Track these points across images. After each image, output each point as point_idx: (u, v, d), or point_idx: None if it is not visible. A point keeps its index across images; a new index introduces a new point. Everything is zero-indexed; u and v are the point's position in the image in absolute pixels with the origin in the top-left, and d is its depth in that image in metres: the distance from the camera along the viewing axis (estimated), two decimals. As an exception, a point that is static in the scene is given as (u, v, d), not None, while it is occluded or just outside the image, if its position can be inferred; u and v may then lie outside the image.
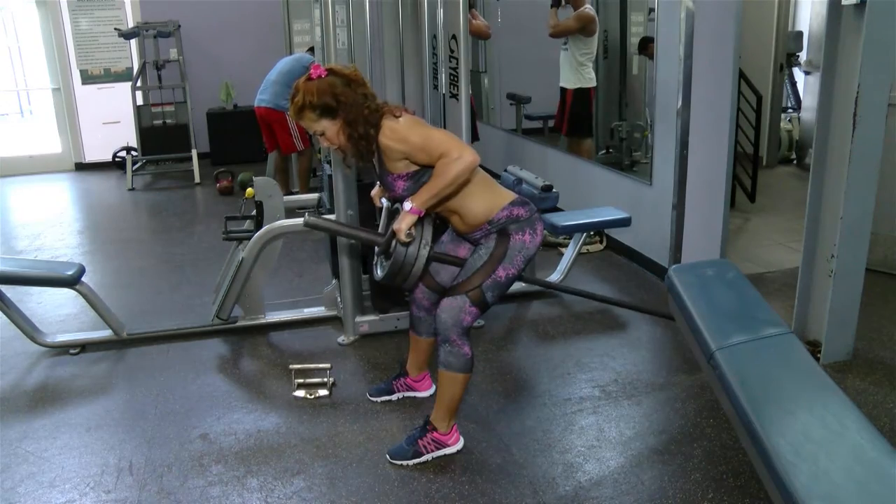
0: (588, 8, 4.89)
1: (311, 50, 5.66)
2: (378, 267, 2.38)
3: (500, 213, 2.27)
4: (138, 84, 6.86)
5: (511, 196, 2.32)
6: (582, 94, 5.05)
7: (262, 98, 5.49)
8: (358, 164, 2.32)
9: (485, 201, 2.27)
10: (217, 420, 2.68)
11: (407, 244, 2.21)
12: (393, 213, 2.34)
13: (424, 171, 2.22)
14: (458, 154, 2.11)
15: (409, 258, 2.22)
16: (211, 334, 3.37)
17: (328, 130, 2.21)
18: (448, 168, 2.12)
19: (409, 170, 2.22)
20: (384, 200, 2.45)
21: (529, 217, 2.29)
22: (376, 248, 2.37)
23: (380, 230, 2.37)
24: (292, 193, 5.59)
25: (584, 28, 4.88)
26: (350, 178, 3.10)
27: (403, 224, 2.18)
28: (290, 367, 2.88)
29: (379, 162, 2.29)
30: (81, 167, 7.60)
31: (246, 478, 2.33)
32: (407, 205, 2.18)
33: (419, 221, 2.23)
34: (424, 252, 2.22)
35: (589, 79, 5.00)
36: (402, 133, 2.17)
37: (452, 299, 2.25)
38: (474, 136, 5.24)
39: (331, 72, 2.19)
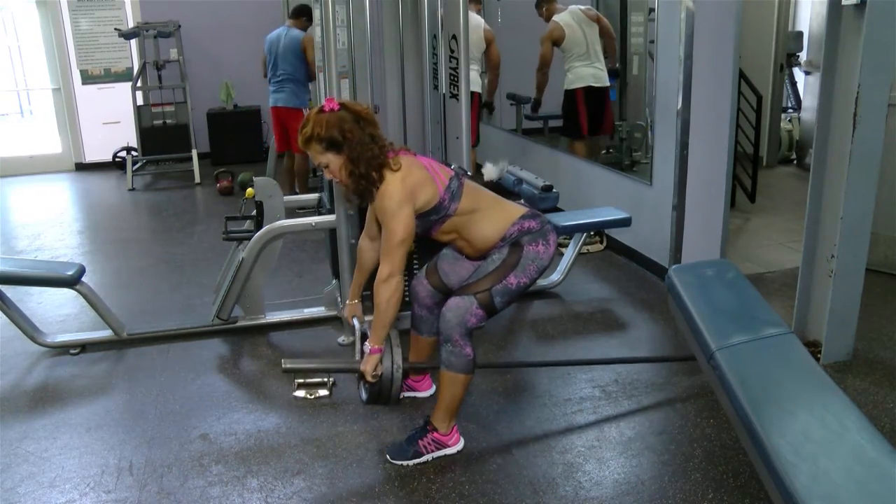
0: (552, 22, 4.96)
1: (298, 10, 5.44)
2: (362, 390, 2.44)
3: (511, 228, 2.28)
4: (138, 84, 6.85)
5: (521, 210, 2.33)
6: (567, 96, 5.08)
7: (277, 97, 5.50)
8: (360, 203, 2.34)
9: (494, 223, 2.30)
10: (217, 420, 2.68)
11: (378, 379, 2.28)
12: (364, 336, 2.39)
13: (428, 212, 2.24)
14: (388, 272, 2.17)
15: (384, 384, 2.31)
16: (211, 334, 3.37)
17: (332, 164, 2.22)
18: (380, 293, 2.19)
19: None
20: (356, 321, 2.50)
21: (541, 228, 2.30)
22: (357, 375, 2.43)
23: (357, 355, 2.44)
24: (294, 193, 5.59)
25: (553, 42, 4.99)
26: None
27: (368, 367, 2.25)
28: (291, 367, 2.88)
29: None
30: (81, 167, 7.59)
31: (246, 478, 2.33)
32: (366, 346, 2.26)
33: (386, 343, 2.29)
34: (399, 374, 2.31)
35: (570, 80, 5.03)
36: (383, 196, 2.19)
37: (460, 299, 2.26)
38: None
39: (343, 107, 2.21)
